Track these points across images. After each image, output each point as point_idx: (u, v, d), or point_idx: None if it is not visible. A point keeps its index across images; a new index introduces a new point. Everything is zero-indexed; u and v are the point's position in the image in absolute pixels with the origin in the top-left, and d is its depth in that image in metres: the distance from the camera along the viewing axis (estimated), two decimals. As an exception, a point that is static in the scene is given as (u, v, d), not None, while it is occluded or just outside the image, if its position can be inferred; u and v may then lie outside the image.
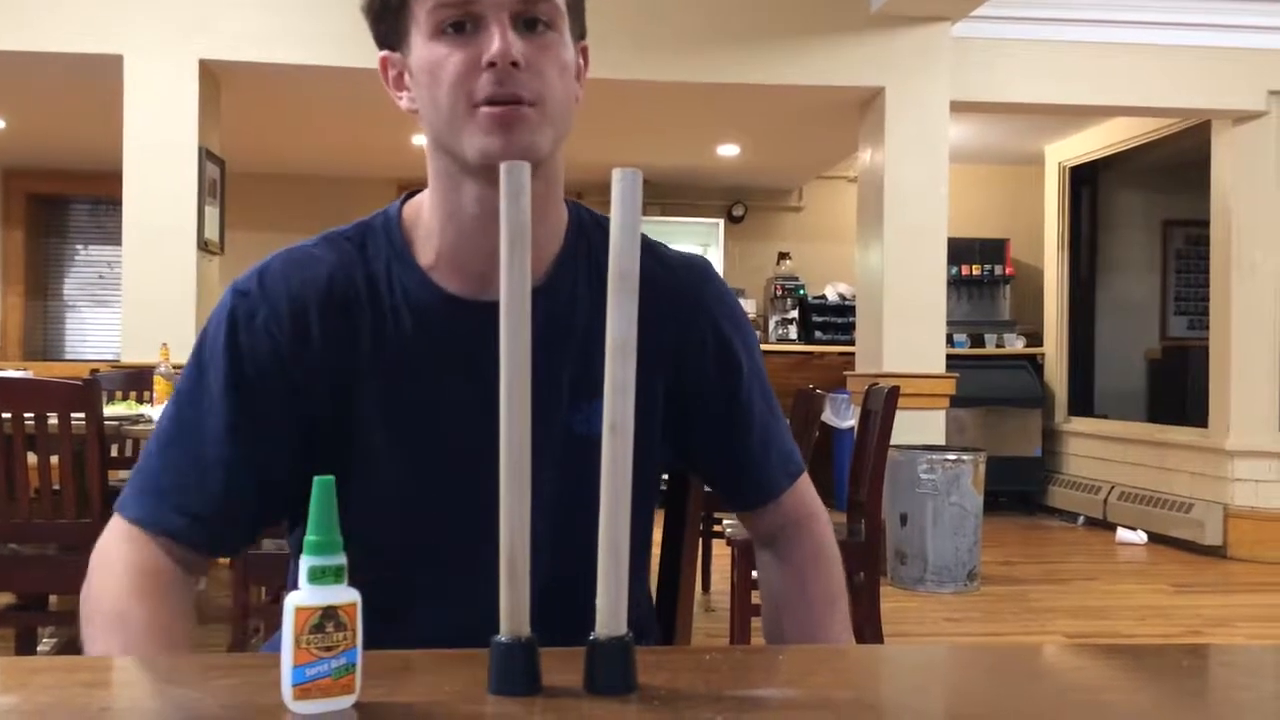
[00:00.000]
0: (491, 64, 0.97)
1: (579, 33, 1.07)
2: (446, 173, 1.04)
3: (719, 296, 1.15)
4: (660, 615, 1.31)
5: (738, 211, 8.22)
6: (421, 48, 1.01)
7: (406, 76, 1.05)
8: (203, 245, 4.76)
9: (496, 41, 0.97)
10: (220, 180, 5.01)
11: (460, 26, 0.99)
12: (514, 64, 0.97)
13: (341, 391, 1.04)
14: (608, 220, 1.12)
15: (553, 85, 1.00)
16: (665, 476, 1.41)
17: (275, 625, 1.19)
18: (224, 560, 4.79)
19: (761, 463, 1.15)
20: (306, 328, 1.03)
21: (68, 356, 7.92)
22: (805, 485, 1.20)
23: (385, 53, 1.06)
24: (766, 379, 1.18)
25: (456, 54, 0.98)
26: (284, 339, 1.03)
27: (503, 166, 0.70)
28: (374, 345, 1.04)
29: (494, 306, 1.03)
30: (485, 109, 0.98)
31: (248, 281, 1.06)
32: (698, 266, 1.16)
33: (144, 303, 4.64)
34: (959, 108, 5.21)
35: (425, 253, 1.06)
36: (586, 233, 1.11)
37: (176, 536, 1.00)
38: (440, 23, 0.99)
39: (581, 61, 1.08)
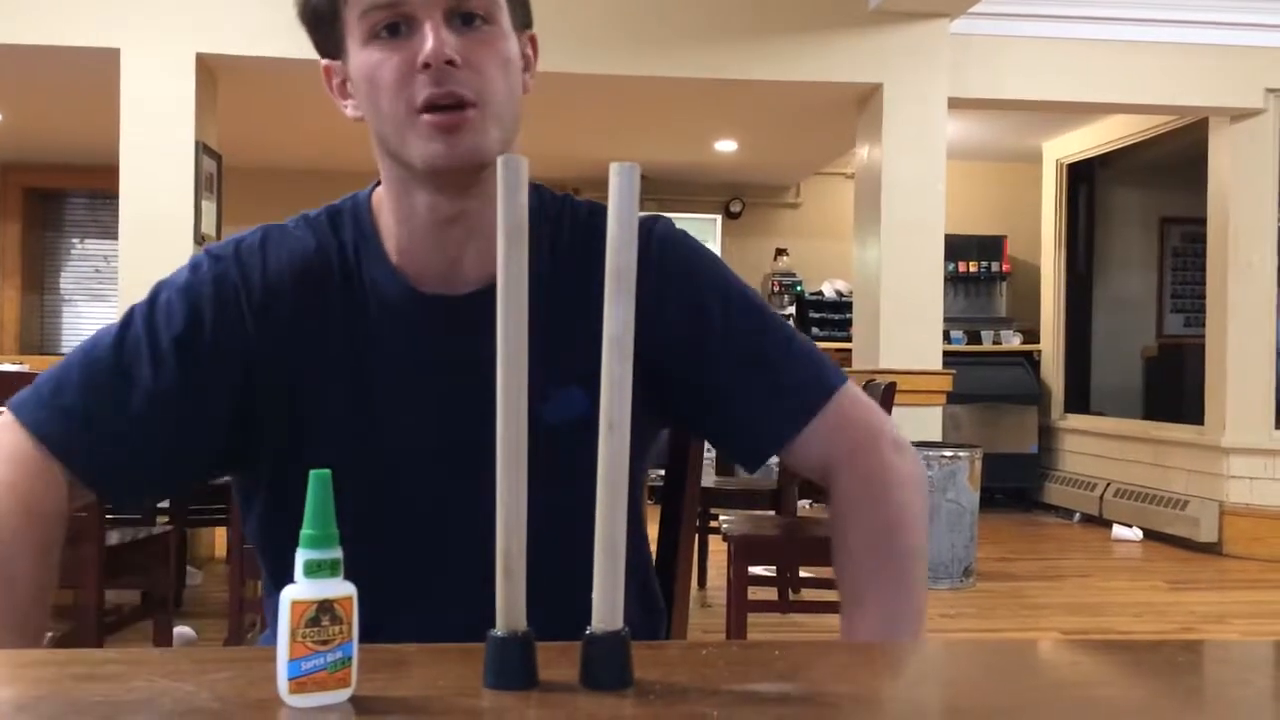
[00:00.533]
0: (426, 65, 0.94)
1: (523, 23, 1.04)
2: (397, 178, 1.02)
3: (666, 253, 1.06)
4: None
5: (735, 208, 8.22)
6: (357, 54, 0.98)
7: (349, 84, 1.02)
8: (199, 240, 4.76)
9: (429, 41, 0.94)
10: (217, 175, 5.00)
11: (394, 29, 0.96)
12: (450, 63, 0.94)
13: (304, 379, 1.01)
14: (571, 202, 1.11)
15: (494, 81, 0.97)
16: (661, 471, 1.41)
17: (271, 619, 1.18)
18: (220, 554, 4.81)
19: (759, 415, 1.05)
20: (278, 306, 1.01)
21: (64, 351, 7.90)
22: (831, 417, 1.04)
23: (326, 61, 1.04)
24: (762, 316, 1.07)
25: (392, 58, 0.95)
26: (251, 312, 1.01)
27: (500, 160, 0.69)
28: (343, 334, 1.02)
29: (459, 301, 1.02)
30: (427, 116, 0.95)
31: (223, 248, 1.04)
32: (641, 227, 1.02)
33: (140, 297, 4.62)
34: (957, 104, 5.20)
35: (390, 244, 1.04)
36: (546, 215, 1.07)
37: (81, 472, 0.97)
38: (373, 27, 0.96)
39: (530, 52, 1.05)
